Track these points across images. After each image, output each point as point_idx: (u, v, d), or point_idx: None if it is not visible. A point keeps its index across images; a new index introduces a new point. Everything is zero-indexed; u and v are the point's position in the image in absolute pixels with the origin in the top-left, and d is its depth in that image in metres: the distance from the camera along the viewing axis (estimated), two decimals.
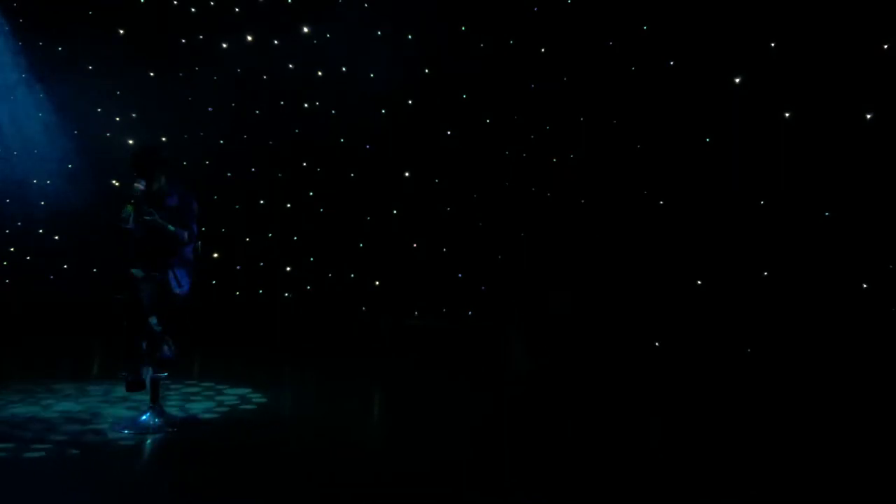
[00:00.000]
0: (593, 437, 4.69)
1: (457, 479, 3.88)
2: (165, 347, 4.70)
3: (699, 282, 6.73)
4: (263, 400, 5.58)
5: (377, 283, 8.21)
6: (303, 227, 8.52)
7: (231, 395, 5.66)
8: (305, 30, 8.33)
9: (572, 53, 7.36)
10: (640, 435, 4.79)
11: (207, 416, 5.08)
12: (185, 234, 4.79)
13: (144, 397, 4.80)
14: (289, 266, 8.56)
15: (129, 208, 4.55)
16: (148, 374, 4.70)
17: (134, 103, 8.72)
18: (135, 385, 4.64)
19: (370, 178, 8.19)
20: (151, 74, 8.62)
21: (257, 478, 3.85)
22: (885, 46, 6.17)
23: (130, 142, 8.48)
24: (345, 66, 8.21)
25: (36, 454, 4.17)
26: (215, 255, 8.35)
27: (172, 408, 5.08)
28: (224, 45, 8.54)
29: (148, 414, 4.73)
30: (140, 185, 4.62)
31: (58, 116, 8.95)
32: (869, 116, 6.26)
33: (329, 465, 4.13)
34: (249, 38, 8.47)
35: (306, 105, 8.45)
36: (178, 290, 4.76)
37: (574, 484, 3.81)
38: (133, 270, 4.54)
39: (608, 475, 3.90)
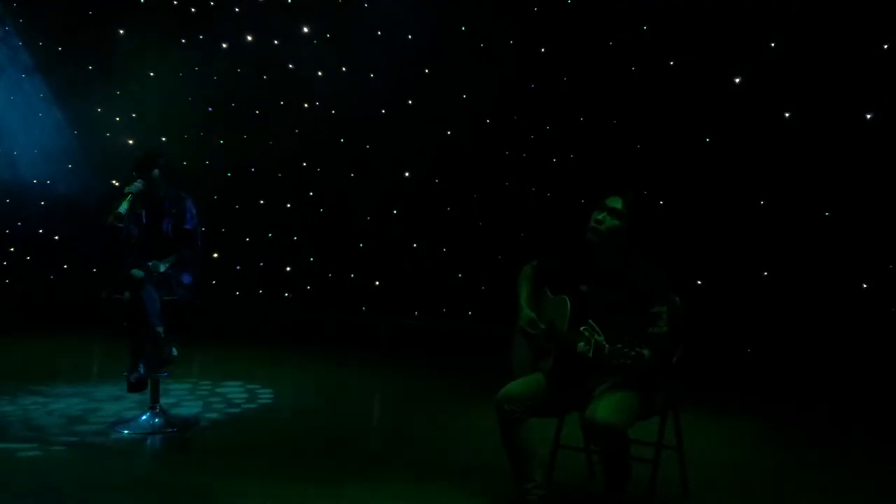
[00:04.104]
0: None
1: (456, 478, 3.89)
2: (166, 348, 4.71)
3: (699, 282, 6.74)
4: (264, 400, 5.59)
5: (377, 283, 8.22)
6: (303, 227, 8.52)
7: (231, 395, 5.66)
8: (305, 30, 8.33)
9: (572, 53, 7.36)
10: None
11: (208, 415, 5.09)
12: (192, 251, 4.89)
13: (145, 397, 4.80)
14: (289, 266, 8.56)
15: (126, 205, 4.55)
16: (149, 374, 4.71)
17: (134, 103, 8.73)
18: (136, 385, 4.65)
19: (370, 178, 8.19)
20: (151, 74, 8.63)
21: (258, 478, 3.85)
22: (885, 46, 6.17)
23: (130, 142, 8.50)
24: (345, 66, 8.22)
25: (35, 454, 4.17)
26: (215, 255, 8.36)
27: (173, 408, 5.08)
28: (224, 45, 8.55)
29: (148, 414, 4.74)
30: (138, 184, 4.67)
31: (57, 116, 8.96)
32: (869, 116, 6.27)
33: (330, 465, 4.14)
34: (249, 38, 8.48)
35: (306, 105, 8.45)
36: (178, 290, 4.79)
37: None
38: (133, 271, 4.54)
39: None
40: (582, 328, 3.19)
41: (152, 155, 4.88)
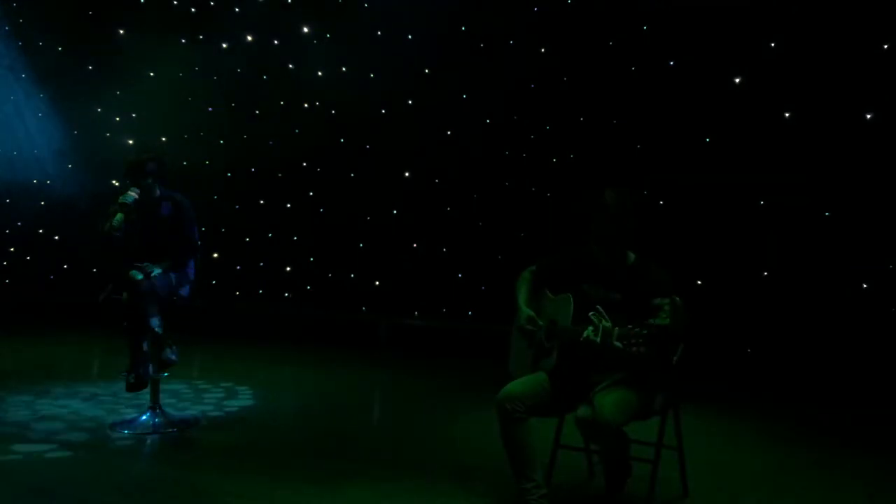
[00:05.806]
0: None
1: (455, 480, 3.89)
2: (166, 348, 4.71)
3: (699, 282, 6.74)
4: (263, 400, 5.59)
5: (377, 283, 8.22)
6: (303, 227, 8.52)
7: (231, 395, 5.66)
8: (305, 30, 8.33)
9: (572, 53, 7.36)
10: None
11: (207, 416, 5.08)
12: (192, 254, 4.90)
13: (145, 397, 4.80)
14: (289, 266, 8.56)
15: (120, 216, 4.51)
16: (148, 374, 4.71)
17: (134, 103, 8.73)
18: (135, 385, 4.65)
19: (370, 178, 8.19)
20: (151, 74, 8.63)
21: (257, 478, 3.85)
22: (885, 46, 6.17)
23: (130, 142, 8.51)
24: (345, 66, 8.22)
25: (34, 454, 4.17)
26: (215, 255, 8.36)
27: (172, 408, 5.08)
28: (224, 45, 8.56)
29: (148, 414, 4.74)
30: (133, 193, 4.61)
31: (57, 116, 8.97)
32: (869, 116, 6.27)
33: (329, 465, 4.13)
34: (249, 38, 8.48)
35: (306, 105, 8.45)
36: (178, 291, 4.79)
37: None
38: (132, 273, 4.54)
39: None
40: (590, 314, 3.18)
41: (143, 160, 4.76)
